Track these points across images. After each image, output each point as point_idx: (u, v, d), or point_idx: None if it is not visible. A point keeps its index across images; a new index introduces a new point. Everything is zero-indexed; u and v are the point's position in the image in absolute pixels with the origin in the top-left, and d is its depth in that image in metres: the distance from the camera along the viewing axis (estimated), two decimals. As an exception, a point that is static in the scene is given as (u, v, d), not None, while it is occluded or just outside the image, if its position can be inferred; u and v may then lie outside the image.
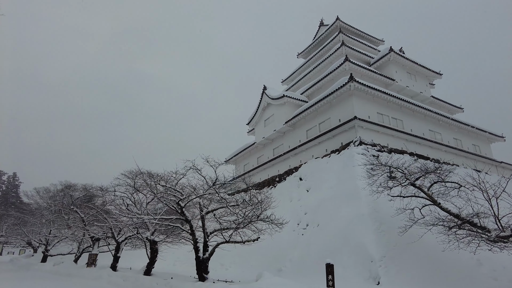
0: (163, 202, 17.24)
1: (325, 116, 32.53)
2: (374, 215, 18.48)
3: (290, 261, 20.98)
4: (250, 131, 48.15)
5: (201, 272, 16.43)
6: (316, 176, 28.30)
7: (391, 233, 17.36)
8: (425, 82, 39.89)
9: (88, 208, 31.18)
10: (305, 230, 22.94)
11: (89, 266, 24.35)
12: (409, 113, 33.45)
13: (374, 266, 15.53)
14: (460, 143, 36.91)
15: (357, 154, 24.89)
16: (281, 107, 37.81)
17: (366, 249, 16.50)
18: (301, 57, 51.34)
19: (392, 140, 30.30)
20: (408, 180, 16.80)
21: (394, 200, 19.51)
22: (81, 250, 30.85)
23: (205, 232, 16.85)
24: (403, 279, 14.41)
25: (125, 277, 17.78)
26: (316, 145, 32.70)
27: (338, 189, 22.84)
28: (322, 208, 22.67)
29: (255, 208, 15.62)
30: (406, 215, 16.92)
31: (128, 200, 23.95)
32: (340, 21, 44.35)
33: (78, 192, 43.72)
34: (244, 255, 25.25)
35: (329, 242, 18.93)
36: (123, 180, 26.02)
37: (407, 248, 16.35)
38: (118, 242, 23.04)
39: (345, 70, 34.10)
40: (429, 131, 34.31)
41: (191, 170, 17.94)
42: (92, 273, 20.61)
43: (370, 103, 30.64)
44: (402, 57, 37.30)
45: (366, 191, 20.58)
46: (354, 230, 17.98)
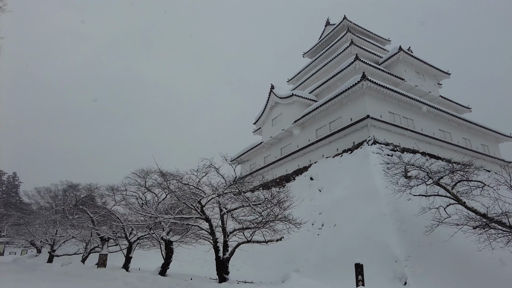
0: (181, 200, 16.85)
1: (335, 115, 32.25)
2: (395, 215, 18.19)
3: (307, 261, 20.66)
4: (256, 130, 47.80)
5: (221, 272, 16.09)
6: (328, 176, 28.01)
7: (413, 232, 17.08)
8: (433, 81, 39.72)
9: (96, 208, 30.80)
10: (320, 230, 22.63)
11: (99, 266, 23.89)
12: (419, 112, 33.23)
13: (399, 266, 15.24)
14: (469, 143, 36.76)
15: (372, 153, 24.62)
16: (289, 106, 37.50)
17: (390, 249, 16.20)
18: (307, 56, 51.06)
19: (404, 140, 30.07)
20: (432, 179, 16.54)
21: (412, 199, 19.26)
22: (89, 250, 30.37)
23: (225, 231, 16.51)
24: (430, 279, 14.12)
25: (142, 278, 17.37)
26: (327, 144, 32.41)
27: (354, 189, 22.54)
28: (338, 208, 22.36)
29: (279, 207, 15.25)
30: (429, 215, 16.66)
31: (140, 199, 23.60)
32: (347, 20, 44.14)
33: (81, 192, 43.28)
34: (255, 256, 24.89)
35: (348, 242, 18.62)
36: (133, 179, 25.70)
37: (430, 248, 16.08)
38: (130, 242, 22.63)
39: (355, 69, 33.85)
40: (439, 131, 34.12)
41: (202, 168, 17.67)
42: (105, 274, 20.15)
43: (381, 102, 30.39)
44: (411, 56, 37.12)
45: (385, 190, 20.32)
46: (376, 230, 17.69)
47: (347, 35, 40.46)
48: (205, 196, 15.41)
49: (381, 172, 22.52)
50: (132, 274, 18.79)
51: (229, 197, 18.14)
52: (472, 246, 15.85)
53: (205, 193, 15.63)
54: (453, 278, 13.95)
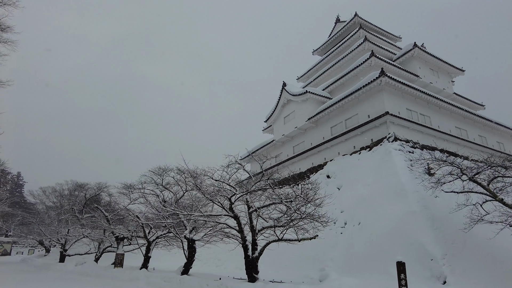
0: (208, 197, 16.36)
1: (352, 112, 31.76)
2: (425, 212, 17.72)
3: (332, 260, 20.18)
4: (265, 128, 47.32)
5: (251, 272, 15.61)
6: (346, 174, 27.53)
7: (446, 230, 16.63)
8: (447, 78, 39.26)
9: (110, 207, 30.32)
10: (343, 228, 22.16)
11: (116, 266, 23.43)
12: (436, 109, 32.77)
13: (436, 265, 14.77)
14: (485, 140, 36.31)
15: (394, 150, 24.15)
16: (302, 104, 37.01)
17: (424, 247, 15.74)
18: (316, 54, 50.58)
19: (421, 137, 29.60)
20: (466, 175, 16.06)
21: (440, 196, 18.82)
22: (102, 249, 29.91)
23: (253, 230, 16.03)
24: (471, 278, 13.66)
25: (166, 278, 16.90)
26: (342, 142, 31.93)
27: (378, 186, 22.07)
28: (362, 206, 21.89)
29: (314, 203, 14.78)
30: (461, 212, 16.23)
31: (159, 197, 23.13)
32: (359, 17, 43.70)
33: (90, 191, 42.77)
34: (272, 255, 24.32)
35: (377, 240, 18.15)
36: (149, 177, 25.23)
37: (466, 246, 15.63)
38: (149, 241, 22.15)
39: (370, 65, 33.37)
40: (455, 128, 33.66)
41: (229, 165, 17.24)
42: (126, 273, 19.70)
43: (399, 99, 29.92)
44: (426, 52, 36.65)
45: (412, 187, 19.87)
46: (407, 227, 17.22)
47: (359, 31, 39.98)
48: (237, 193, 14.90)
49: (405, 169, 22.10)
50: (155, 274, 18.31)
51: (256, 194, 17.70)
52: (506, 244, 15.41)
53: (236, 190, 15.13)
54: (494, 276, 13.48)
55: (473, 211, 15.00)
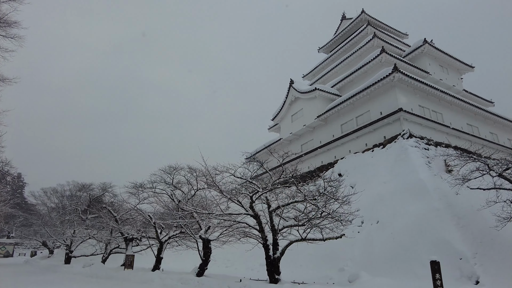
0: (227, 196, 15.77)
1: (363, 109, 31.22)
2: (449, 210, 17.16)
3: (351, 260, 19.61)
4: (271, 127, 46.75)
5: (272, 273, 15.03)
6: (360, 171, 26.96)
7: (473, 228, 16.08)
8: (457, 75, 38.78)
9: (117, 207, 29.67)
10: (360, 227, 21.58)
11: (126, 268, 22.77)
12: (447, 106, 32.28)
13: (467, 265, 14.21)
14: (497, 138, 35.86)
15: (410, 147, 23.61)
16: (311, 101, 36.45)
17: (451, 246, 15.17)
18: (322, 51, 50.03)
19: (434, 134, 29.10)
20: (494, 171, 15.53)
21: (461, 194, 18.26)
22: (109, 251, 29.25)
23: (274, 229, 15.46)
24: (506, 279, 13.10)
25: (183, 280, 16.29)
26: (354, 139, 31.40)
27: (396, 184, 21.51)
28: (380, 204, 21.32)
29: (339, 201, 14.23)
30: (489, 210, 15.70)
31: (172, 197, 22.51)
32: (366, 13, 43.19)
33: (96, 191, 42.16)
34: (286, 254, 23.85)
35: (399, 239, 17.58)
36: (159, 176, 24.62)
37: (495, 245, 15.08)
38: (161, 242, 21.53)
39: (380, 62, 32.88)
40: (467, 125, 33.19)
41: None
42: (139, 275, 19.07)
43: (411, 95, 29.41)
44: (436, 49, 36.14)
45: (433, 184, 19.33)
46: (430, 226, 16.65)
47: (367, 28, 39.48)
48: (260, 190, 14.31)
49: (424, 166, 21.58)
50: (170, 275, 17.67)
51: (274, 192, 17.14)
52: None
53: (259, 187, 14.55)
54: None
55: (504, 208, 14.48)
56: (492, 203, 14.93)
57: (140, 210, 22.42)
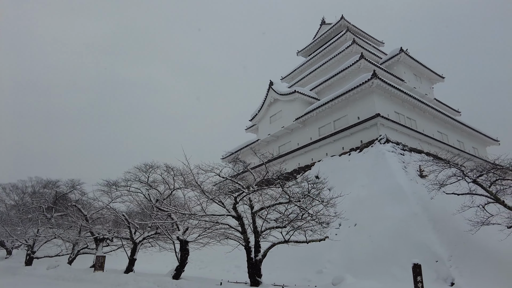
0: (208, 196, 15.34)
1: (341, 113, 31.74)
2: (426, 214, 17.71)
3: (329, 262, 19.76)
4: (249, 128, 46.52)
5: (254, 275, 14.78)
6: (337, 175, 27.28)
7: (448, 232, 16.67)
8: (429, 84, 40.47)
9: (88, 205, 28.24)
10: (338, 230, 21.80)
11: (96, 270, 21.64)
12: (421, 113, 33.55)
13: (442, 267, 14.68)
14: (463, 145, 37.70)
15: (387, 152, 24.21)
16: (290, 103, 36.62)
17: (429, 249, 15.63)
18: (301, 55, 50.54)
19: (408, 140, 30.09)
20: (469, 177, 16.19)
21: (435, 199, 18.93)
22: (77, 251, 27.74)
23: (256, 231, 15.22)
24: (480, 280, 13.65)
25: (159, 283, 15.63)
26: (331, 143, 31.83)
27: (374, 188, 21.95)
28: (357, 207, 21.64)
29: (324, 203, 14.23)
30: (464, 214, 16.33)
31: (149, 196, 21.69)
32: (345, 20, 44.08)
33: (62, 188, 39.95)
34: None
35: (378, 242, 17.90)
36: (134, 174, 23.70)
37: (469, 248, 15.72)
38: (135, 243, 20.65)
39: (358, 67, 33.60)
40: (437, 132, 34.63)
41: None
42: (111, 277, 18.13)
43: (388, 102, 30.27)
44: (411, 58, 37.50)
45: (410, 189, 19.88)
46: (409, 229, 17.10)
47: (346, 34, 40.29)
48: (245, 191, 14.01)
49: (401, 170, 22.17)
50: (145, 278, 16.91)
51: (255, 194, 16.90)
52: (508, 246, 15.64)
53: (244, 187, 14.25)
54: (502, 280, 13.55)
55: (478, 212, 15.09)
56: (466, 208, 15.53)
57: (113, 209, 21.38)
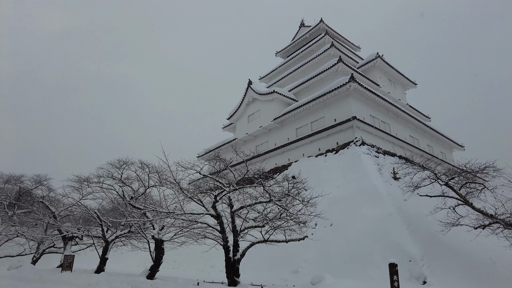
0: (187, 195, 15.00)
1: (318, 115, 32.18)
2: (401, 215, 18.25)
3: (305, 261, 19.91)
4: (226, 126, 46.20)
5: (231, 275, 14.60)
6: (313, 175, 27.55)
7: (420, 232, 17.26)
8: (402, 90, 41.89)
9: (55, 201, 26.86)
10: (314, 229, 22.03)
11: (64, 270, 20.60)
12: (394, 118, 34.64)
13: (415, 266, 15.16)
14: (432, 150, 39.32)
15: (363, 154, 24.76)
16: (269, 103, 36.69)
17: (403, 249, 16.10)
18: (279, 56, 50.82)
19: (382, 143, 30.97)
20: (440, 179, 16.85)
21: (408, 200, 19.59)
22: (42, 250, 26.34)
23: (235, 230, 15.06)
24: (450, 279, 14.20)
25: (133, 283, 15.08)
26: (308, 143, 32.18)
27: (350, 189, 22.37)
28: (333, 207, 21.96)
29: (305, 202, 14.31)
30: (436, 215, 16.99)
31: (123, 193, 20.93)
32: (324, 23, 44.76)
33: (27, 184, 37.79)
34: (237, 256, 23.61)
35: (355, 242, 18.24)
36: (106, 170, 22.81)
37: (441, 247, 16.35)
38: (107, 241, 19.86)
39: (336, 71, 34.19)
40: (409, 137, 35.89)
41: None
42: (81, 278, 17.29)
43: (364, 105, 31.00)
44: (387, 63, 38.65)
45: (385, 190, 20.42)
46: (385, 230, 17.54)
47: (325, 37, 40.92)
48: (226, 190, 13.81)
49: (376, 172, 22.74)
50: (118, 278, 16.28)
51: (234, 193, 16.74)
52: (476, 245, 16.43)
53: (224, 185, 14.03)
54: (471, 278, 14.19)
55: (449, 214, 15.72)
56: (439, 209, 16.15)
57: (84, 206, 20.46)
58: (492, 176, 15.27)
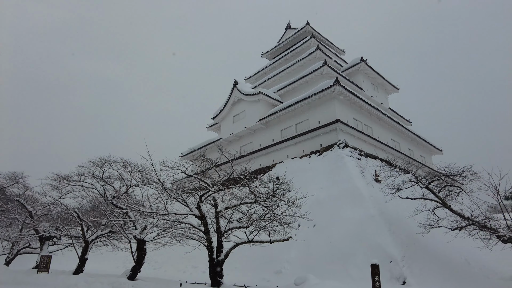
0: (171, 195, 14.83)
1: (303, 117, 32.45)
2: (382, 217, 18.62)
3: (288, 262, 20.03)
4: (211, 126, 45.95)
5: (215, 276, 14.52)
6: (297, 176, 27.71)
7: (401, 234, 17.65)
8: (384, 94, 42.78)
9: (34, 201, 26.00)
10: (297, 230, 22.15)
11: (40, 271, 19.96)
12: (377, 121, 35.32)
13: (395, 267, 15.48)
14: (412, 153, 40.32)
15: (346, 156, 25.14)
16: (254, 104, 36.72)
17: (384, 250, 16.41)
18: (265, 57, 51.05)
19: (365, 146, 31.52)
20: (421, 182, 17.31)
21: (389, 202, 20.04)
22: (16, 251, 25.40)
23: (219, 231, 14.99)
24: (429, 279, 14.59)
25: (114, 284, 14.78)
26: (292, 145, 32.39)
27: (333, 190, 22.65)
28: (317, 208, 22.17)
29: (290, 203, 14.40)
30: (416, 217, 17.45)
31: (105, 192, 20.45)
32: (310, 26, 45.25)
33: (2, 181, 36.39)
34: (220, 257, 23.53)
35: (337, 243, 18.48)
36: (88, 168, 22.26)
37: (420, 249, 16.78)
38: (87, 241, 19.36)
39: (321, 74, 34.62)
40: (391, 140, 36.68)
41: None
42: (59, 279, 16.77)
43: (348, 108, 31.47)
44: (370, 68, 39.38)
45: (368, 192, 20.79)
46: (367, 231, 17.84)
47: (311, 40, 41.35)
48: (212, 190, 13.72)
49: (358, 174, 23.13)
50: (98, 279, 15.87)
51: (219, 193, 16.67)
52: (452, 247, 16.95)
53: (210, 186, 13.94)
54: (449, 278, 14.62)
55: (428, 216, 16.18)
56: (419, 212, 16.59)
57: (63, 205, 19.89)
58: (470, 180, 15.80)
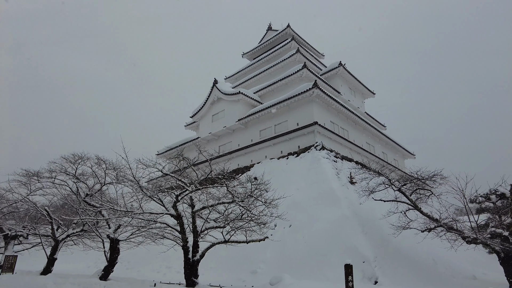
0: (146, 193, 14.59)
1: (282, 118, 32.74)
2: (356, 218, 19.10)
3: (264, 262, 20.15)
4: (189, 124, 45.47)
5: (190, 276, 14.42)
6: (275, 177, 27.93)
7: (373, 235, 18.19)
8: (361, 98, 43.86)
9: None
10: (273, 230, 22.37)
11: (4, 271, 19.10)
12: (353, 125, 36.18)
13: (368, 267, 15.93)
14: (386, 156, 41.57)
15: (322, 158, 25.59)
16: (234, 104, 36.67)
17: (357, 251, 16.85)
18: (246, 57, 51.08)
19: (340, 148, 32.21)
20: (394, 185, 17.91)
21: (363, 204, 20.61)
22: (-21, 250, 24.13)
23: (196, 231, 14.89)
24: (400, 279, 15.13)
25: (85, 285, 14.36)
26: (271, 146, 32.60)
27: (310, 191, 23.00)
28: (293, 209, 22.42)
29: (267, 203, 14.51)
30: (388, 219, 18.04)
31: (77, 190, 19.79)
32: (290, 28, 45.69)
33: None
34: (195, 257, 23.38)
35: (313, 244, 18.77)
36: (59, 165, 21.49)
37: (392, 249, 17.37)
38: (57, 240, 18.68)
39: (300, 76, 35.06)
40: (366, 143, 37.66)
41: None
42: (25, 280, 16.07)
43: (325, 111, 32.05)
44: (348, 72, 40.26)
45: (343, 194, 21.26)
46: (342, 232, 18.23)
47: (291, 42, 41.79)
48: (189, 189, 13.61)
49: (334, 176, 23.61)
50: (68, 279, 15.34)
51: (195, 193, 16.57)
52: (421, 247, 17.65)
53: (188, 185, 13.83)
54: (419, 278, 15.23)
55: (400, 218, 16.77)
56: (391, 213, 17.15)
57: (32, 202, 19.11)
58: (439, 183, 16.50)
